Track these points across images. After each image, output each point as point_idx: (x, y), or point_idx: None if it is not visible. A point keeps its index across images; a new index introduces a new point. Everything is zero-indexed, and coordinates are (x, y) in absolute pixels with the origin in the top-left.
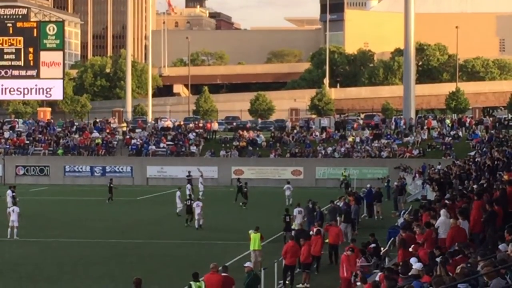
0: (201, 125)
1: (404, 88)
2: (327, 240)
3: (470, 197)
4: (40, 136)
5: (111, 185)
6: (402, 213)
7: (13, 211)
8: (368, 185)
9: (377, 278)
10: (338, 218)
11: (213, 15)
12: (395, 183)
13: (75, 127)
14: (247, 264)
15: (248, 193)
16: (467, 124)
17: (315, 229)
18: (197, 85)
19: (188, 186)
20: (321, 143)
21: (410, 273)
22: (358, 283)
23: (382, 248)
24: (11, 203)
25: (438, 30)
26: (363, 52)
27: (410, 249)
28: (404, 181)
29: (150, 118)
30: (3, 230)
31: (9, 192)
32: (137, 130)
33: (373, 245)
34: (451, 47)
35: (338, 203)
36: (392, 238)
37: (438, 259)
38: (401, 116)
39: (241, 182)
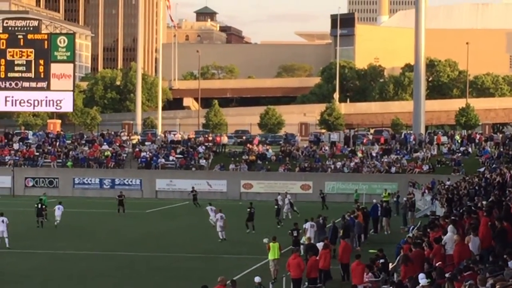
0: (210, 138)
1: (414, 104)
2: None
3: (478, 213)
4: (50, 148)
5: (120, 198)
6: (411, 228)
7: (2, 221)
8: (374, 201)
9: None
10: (350, 233)
11: (223, 29)
12: (404, 199)
13: (84, 139)
14: (256, 278)
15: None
16: (476, 140)
17: (322, 244)
18: (207, 98)
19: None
20: (330, 157)
21: None
22: None
23: (390, 264)
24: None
25: (449, 46)
26: (373, 67)
27: None
28: (412, 196)
29: (159, 131)
30: (11, 242)
31: (60, 206)
32: (146, 143)
33: (381, 260)
34: (462, 63)
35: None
36: (401, 254)
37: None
38: (411, 132)
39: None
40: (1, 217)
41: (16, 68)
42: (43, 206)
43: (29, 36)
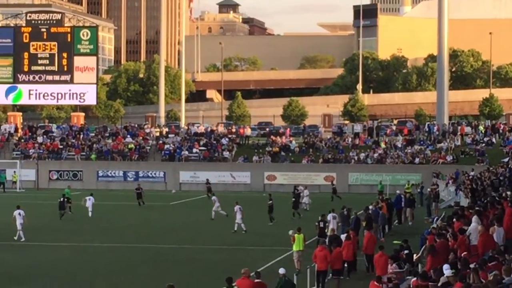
0: (234, 130)
1: (438, 94)
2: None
3: (502, 204)
4: (74, 141)
5: (138, 190)
6: (435, 219)
7: (19, 214)
8: (398, 191)
9: (410, 285)
10: (374, 225)
11: (246, 20)
12: (428, 189)
13: (108, 132)
14: (281, 270)
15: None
16: (500, 131)
17: (345, 235)
18: (230, 90)
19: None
20: (353, 149)
21: (441, 280)
22: None
23: (415, 255)
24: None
25: (472, 36)
26: (396, 58)
27: None
28: (436, 187)
29: (183, 123)
30: (34, 234)
31: (90, 197)
32: (170, 136)
33: (406, 251)
34: (485, 53)
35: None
36: (425, 245)
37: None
38: (435, 122)
39: (299, 190)
40: (18, 210)
41: (40, 62)
42: (67, 199)
43: (52, 30)
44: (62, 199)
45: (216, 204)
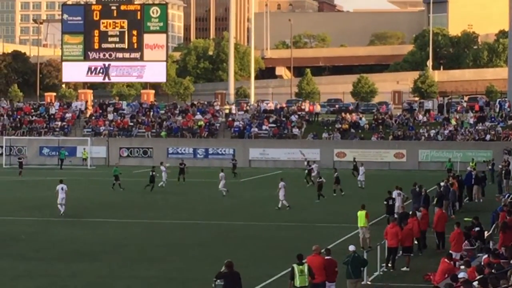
0: (303, 107)
1: (509, 70)
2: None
3: None
4: (144, 118)
5: (182, 166)
6: (506, 196)
7: (61, 189)
8: (468, 168)
9: (481, 262)
10: (444, 202)
11: None
12: (499, 166)
13: (178, 109)
14: (351, 247)
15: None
16: None
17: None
18: (300, 67)
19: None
20: (424, 125)
21: None
22: (462, 267)
23: (486, 232)
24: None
25: None
26: (467, 34)
27: None
28: (508, 164)
29: (252, 100)
30: (103, 211)
31: (162, 168)
32: (239, 113)
33: (477, 228)
34: None
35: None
36: (496, 222)
37: None
38: (506, 99)
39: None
40: (60, 185)
41: (110, 39)
42: (115, 177)
43: (122, 7)
44: (152, 173)
45: (222, 182)
